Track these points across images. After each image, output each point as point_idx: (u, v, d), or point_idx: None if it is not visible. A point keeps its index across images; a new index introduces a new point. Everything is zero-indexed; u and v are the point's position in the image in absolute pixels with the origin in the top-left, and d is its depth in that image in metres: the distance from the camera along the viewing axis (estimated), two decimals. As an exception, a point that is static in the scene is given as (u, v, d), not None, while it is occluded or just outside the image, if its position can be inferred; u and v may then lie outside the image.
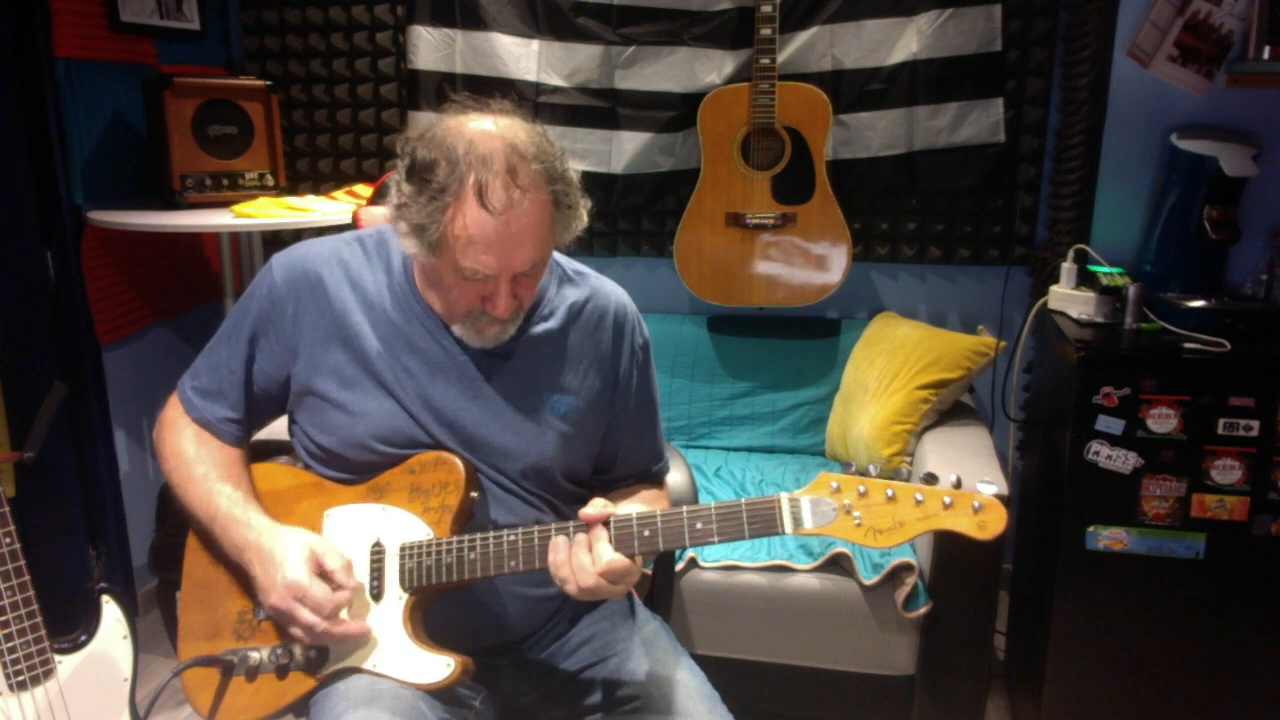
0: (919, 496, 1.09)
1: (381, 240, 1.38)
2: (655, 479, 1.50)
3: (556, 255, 1.43)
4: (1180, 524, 1.90)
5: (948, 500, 1.09)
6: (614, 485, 1.46)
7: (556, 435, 1.35)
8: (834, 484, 1.12)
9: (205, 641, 1.32)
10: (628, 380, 1.43)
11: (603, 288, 1.43)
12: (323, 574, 1.22)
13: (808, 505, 1.12)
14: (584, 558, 1.17)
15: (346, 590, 1.22)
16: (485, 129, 1.18)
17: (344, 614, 1.24)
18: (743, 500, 1.15)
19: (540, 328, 1.36)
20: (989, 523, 1.08)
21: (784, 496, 1.13)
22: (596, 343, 1.39)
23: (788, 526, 1.13)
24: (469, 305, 1.25)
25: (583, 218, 1.26)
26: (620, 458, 1.46)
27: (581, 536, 1.19)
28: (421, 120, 2.76)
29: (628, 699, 1.33)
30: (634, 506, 1.38)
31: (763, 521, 1.14)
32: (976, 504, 1.08)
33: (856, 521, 1.10)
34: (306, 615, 1.20)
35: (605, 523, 1.18)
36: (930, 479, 1.11)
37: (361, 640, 1.25)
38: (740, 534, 1.15)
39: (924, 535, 1.11)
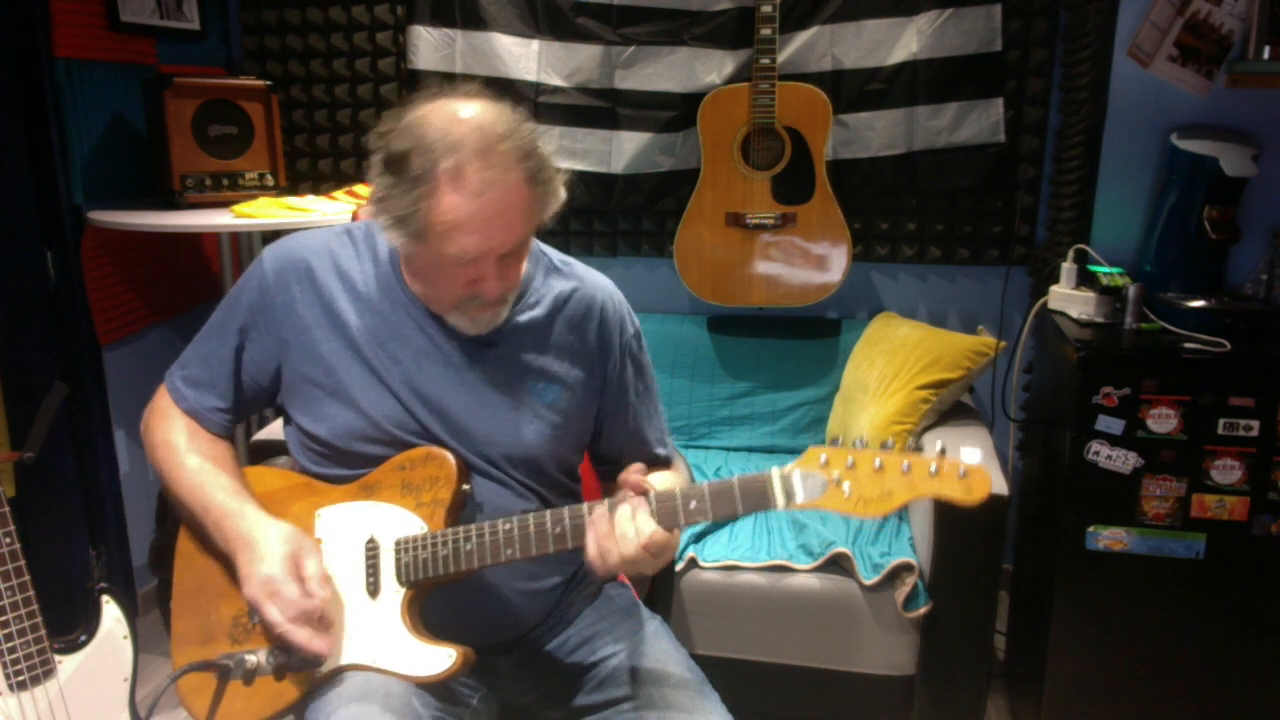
0: (906, 465, 1.10)
1: (370, 232, 1.39)
2: (664, 464, 1.51)
3: (543, 246, 1.44)
4: (1180, 524, 1.90)
5: (934, 468, 1.10)
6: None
7: (545, 424, 1.36)
8: (823, 457, 1.12)
9: (199, 647, 1.32)
10: (623, 373, 1.43)
11: (590, 278, 1.44)
12: (299, 578, 1.22)
13: (799, 479, 1.13)
14: (628, 527, 1.15)
15: (315, 600, 1.20)
16: (454, 114, 1.19)
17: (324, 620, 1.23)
18: (735, 478, 1.15)
19: (526, 316, 1.36)
20: (974, 487, 1.10)
21: (775, 471, 1.14)
22: (583, 332, 1.40)
23: (780, 501, 1.13)
24: (459, 292, 1.25)
25: (560, 193, 1.26)
26: (626, 449, 1.46)
27: (625, 508, 1.17)
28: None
29: (627, 698, 1.33)
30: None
31: (756, 497, 1.14)
32: (962, 470, 1.10)
33: (846, 493, 1.11)
34: (273, 612, 1.19)
35: (645, 496, 1.17)
36: (917, 449, 1.12)
37: (318, 654, 1.21)
38: (734, 511, 1.15)
39: (914, 502, 1.13)
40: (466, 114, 1.19)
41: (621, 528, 1.15)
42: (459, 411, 1.33)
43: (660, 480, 1.42)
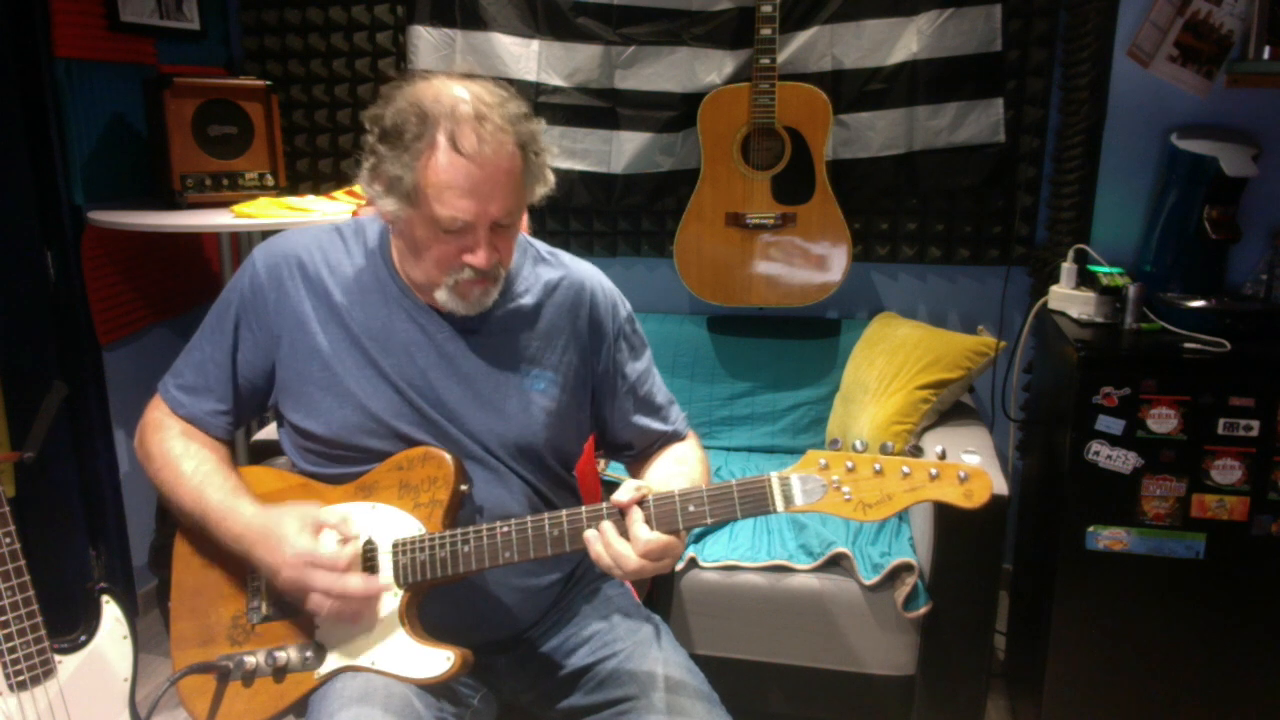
0: (905, 469, 1.10)
1: (359, 228, 1.40)
2: (679, 437, 1.51)
3: (530, 238, 1.46)
4: (1180, 524, 1.90)
5: (934, 471, 1.10)
6: (645, 457, 1.48)
7: (539, 411, 1.37)
8: (822, 461, 1.13)
9: (199, 649, 1.32)
10: (619, 355, 1.44)
11: (576, 266, 1.46)
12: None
13: (797, 482, 1.13)
14: (621, 546, 1.16)
15: (357, 542, 1.24)
16: (448, 87, 1.24)
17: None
18: (733, 481, 1.15)
19: (515, 304, 1.38)
20: (975, 491, 1.09)
21: (774, 475, 1.14)
22: (574, 319, 1.41)
23: (779, 504, 1.13)
24: (449, 262, 1.26)
25: (549, 175, 1.30)
26: (636, 430, 1.47)
27: (609, 525, 1.18)
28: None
29: (626, 698, 1.33)
30: (668, 470, 1.41)
31: (754, 500, 1.15)
32: (962, 474, 1.10)
33: (846, 496, 1.11)
34: (322, 578, 1.19)
35: (640, 503, 1.18)
36: (916, 452, 1.12)
37: (382, 589, 1.24)
38: (732, 514, 1.15)
39: (914, 506, 1.13)
40: (460, 87, 1.24)
41: (617, 547, 1.16)
42: (453, 401, 1.33)
43: (675, 459, 1.44)
